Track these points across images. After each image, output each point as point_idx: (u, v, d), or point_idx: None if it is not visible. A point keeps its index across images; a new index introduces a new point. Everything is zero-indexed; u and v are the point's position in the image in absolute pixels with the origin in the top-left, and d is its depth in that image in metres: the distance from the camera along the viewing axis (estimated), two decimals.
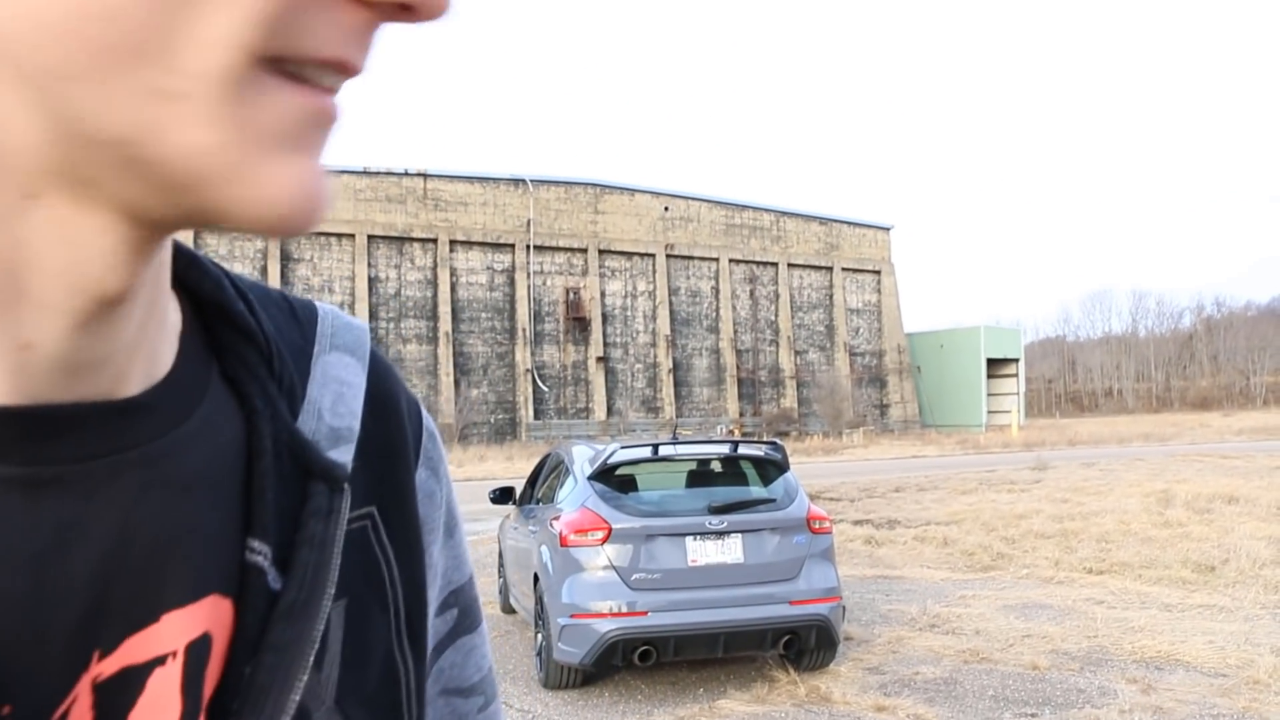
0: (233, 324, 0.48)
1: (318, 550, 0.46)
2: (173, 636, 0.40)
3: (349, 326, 0.56)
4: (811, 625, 6.06)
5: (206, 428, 0.44)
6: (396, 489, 0.55)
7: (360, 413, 0.53)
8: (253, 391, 0.47)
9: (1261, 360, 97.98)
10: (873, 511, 15.56)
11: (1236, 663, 6.39)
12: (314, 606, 0.44)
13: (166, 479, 0.41)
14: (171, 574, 0.41)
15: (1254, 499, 14.54)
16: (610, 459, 6.40)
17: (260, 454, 0.45)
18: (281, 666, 0.43)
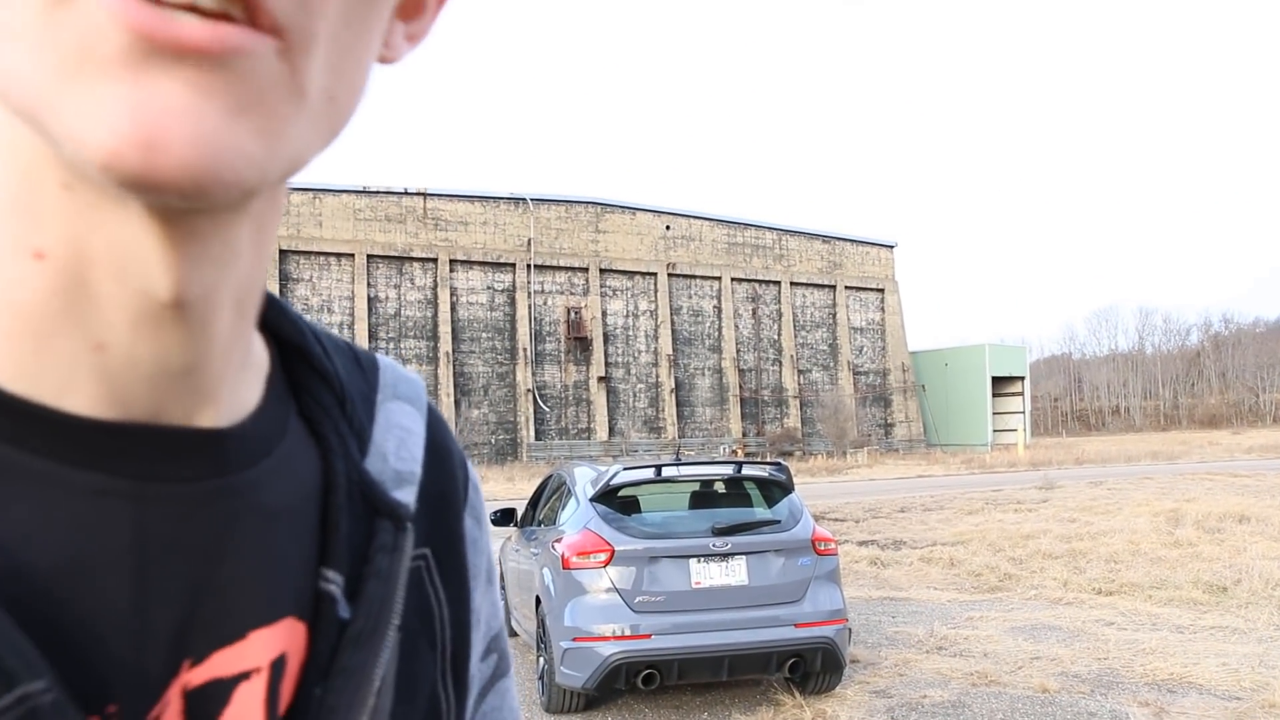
0: (311, 366, 0.52)
1: (384, 583, 0.49)
2: (258, 654, 0.43)
3: (408, 378, 0.60)
4: (817, 648, 5.98)
5: (288, 462, 0.47)
6: (449, 534, 0.58)
7: (421, 458, 0.56)
8: (328, 431, 0.50)
9: (1270, 377, 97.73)
10: (878, 532, 15.46)
11: (1251, 685, 6.30)
12: (380, 635, 0.48)
13: (254, 507, 0.44)
14: (256, 595, 0.43)
15: (1265, 518, 14.44)
16: (613, 480, 6.34)
17: (334, 489, 0.49)
18: (350, 690, 0.45)
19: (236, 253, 0.39)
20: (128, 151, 0.30)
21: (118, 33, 0.30)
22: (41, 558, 0.36)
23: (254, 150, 0.33)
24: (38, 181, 0.34)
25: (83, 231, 0.35)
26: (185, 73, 0.31)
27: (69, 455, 0.37)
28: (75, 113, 0.30)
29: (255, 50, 0.32)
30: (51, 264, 0.35)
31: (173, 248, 0.36)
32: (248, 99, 0.32)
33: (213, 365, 0.41)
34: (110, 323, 0.37)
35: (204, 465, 0.41)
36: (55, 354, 0.37)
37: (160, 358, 0.38)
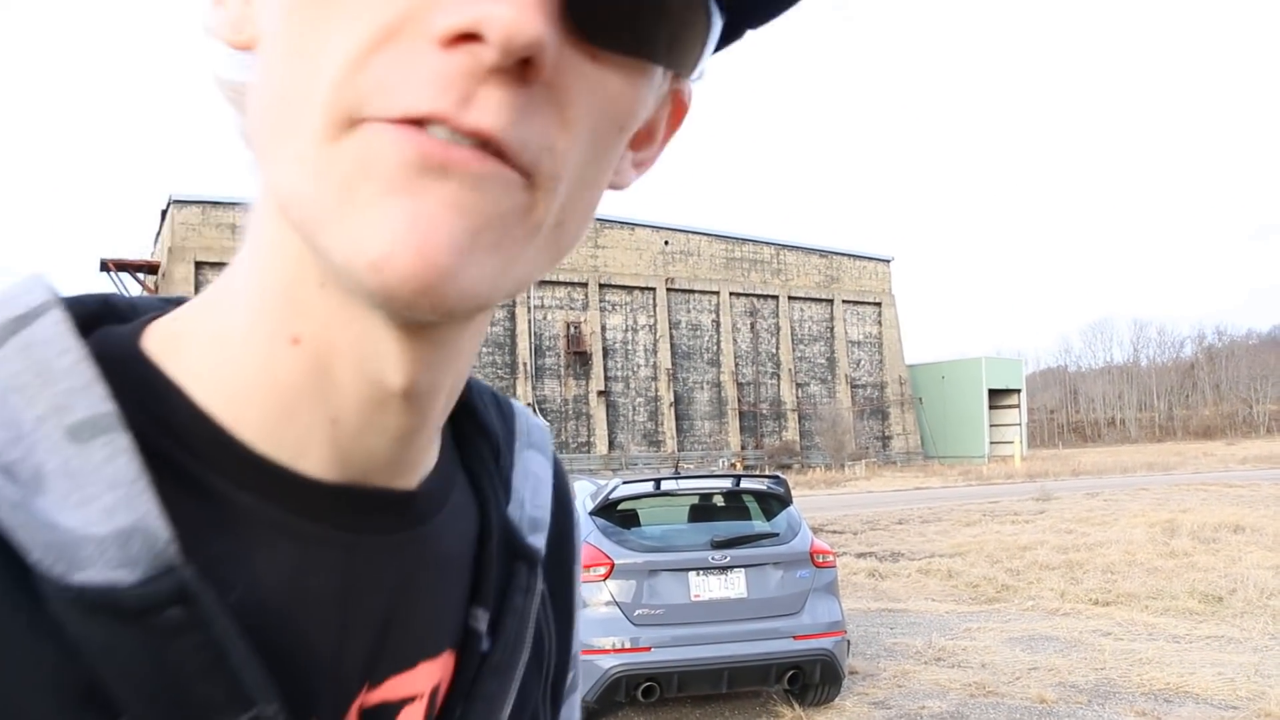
0: (474, 420, 0.58)
1: (519, 620, 0.54)
2: (422, 682, 0.49)
3: (539, 427, 0.67)
4: (816, 660, 6.01)
5: (455, 514, 0.53)
6: (564, 572, 0.65)
7: (549, 506, 0.63)
8: (485, 484, 0.57)
9: (1264, 389, 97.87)
10: (876, 544, 15.47)
11: (1247, 694, 6.33)
12: (514, 666, 0.53)
13: (431, 555, 0.50)
14: (427, 630, 0.50)
15: (1260, 528, 14.46)
16: (612, 494, 6.37)
17: (488, 538, 0.55)
18: (487, 713, 0.51)
19: (458, 353, 0.45)
20: (402, 252, 0.34)
21: (400, 155, 0.34)
22: (271, 594, 0.42)
23: (490, 269, 0.37)
24: (299, 278, 0.40)
25: (332, 325, 0.41)
26: (449, 192, 0.35)
27: (301, 508, 0.44)
28: (353, 223, 0.35)
29: (505, 178, 0.36)
30: (305, 349, 0.42)
31: (407, 349, 0.41)
32: (493, 220, 0.36)
33: (422, 438, 0.47)
34: (345, 403, 0.43)
35: (400, 518, 0.48)
36: (298, 424, 0.43)
37: (381, 434, 0.44)
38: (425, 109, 0.34)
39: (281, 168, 0.37)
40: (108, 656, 0.37)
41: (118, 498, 0.38)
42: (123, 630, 0.37)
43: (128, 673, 0.37)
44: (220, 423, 0.43)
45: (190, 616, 0.38)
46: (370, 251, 0.35)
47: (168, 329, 0.46)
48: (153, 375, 0.43)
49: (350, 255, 0.35)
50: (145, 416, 0.41)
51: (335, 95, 0.35)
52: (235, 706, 0.39)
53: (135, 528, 0.38)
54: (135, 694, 0.37)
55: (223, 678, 0.38)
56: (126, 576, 0.37)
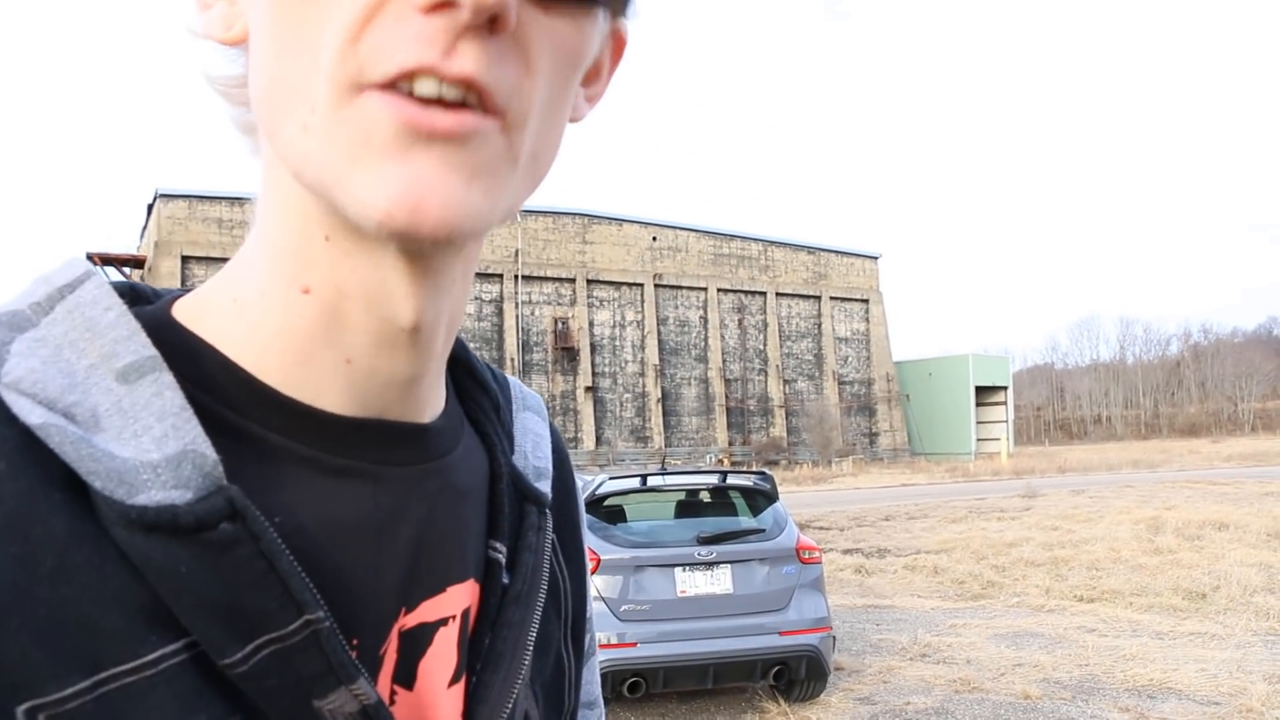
0: (474, 378, 0.64)
1: (535, 555, 0.59)
2: (453, 604, 0.54)
3: (532, 394, 0.73)
4: (801, 656, 6.02)
5: (468, 453, 0.58)
6: (571, 523, 0.71)
7: (551, 458, 0.69)
8: (490, 431, 0.62)
9: (1249, 387, 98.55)
10: (862, 540, 15.52)
11: (1229, 690, 6.38)
12: (534, 596, 0.58)
13: (451, 486, 0.55)
14: (452, 556, 0.54)
15: (1244, 525, 14.56)
16: (598, 490, 6.37)
17: (499, 477, 0.60)
18: (512, 639, 0.56)
19: (453, 284, 0.50)
20: (398, 213, 0.40)
21: (392, 124, 0.40)
22: (310, 521, 0.47)
23: (483, 206, 0.42)
24: (306, 235, 0.46)
25: (339, 273, 0.46)
26: (436, 151, 0.40)
27: (326, 444, 0.48)
28: (359, 185, 0.40)
29: (485, 130, 0.41)
30: (316, 297, 0.46)
31: (415, 284, 0.46)
32: (479, 168, 0.42)
33: (428, 375, 0.52)
34: (357, 343, 0.47)
35: (419, 451, 0.53)
36: (315, 366, 0.48)
37: (393, 369, 0.49)
38: (414, 63, 0.39)
39: (290, 138, 0.42)
40: (169, 574, 0.41)
41: (166, 428, 0.42)
42: (180, 548, 0.41)
43: (187, 588, 0.41)
44: (247, 372, 0.47)
45: (241, 531, 0.42)
46: (375, 211, 0.40)
47: (193, 300, 0.51)
48: (183, 338, 0.48)
49: (359, 212, 0.41)
50: (180, 374, 0.45)
51: (339, 67, 0.40)
52: (287, 614, 0.42)
53: (185, 452, 0.42)
54: (195, 609, 0.41)
55: (274, 587, 0.42)
56: (181, 496, 0.41)
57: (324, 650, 0.44)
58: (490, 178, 0.43)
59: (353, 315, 0.47)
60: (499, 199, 0.44)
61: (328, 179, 0.41)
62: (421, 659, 0.52)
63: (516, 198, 0.46)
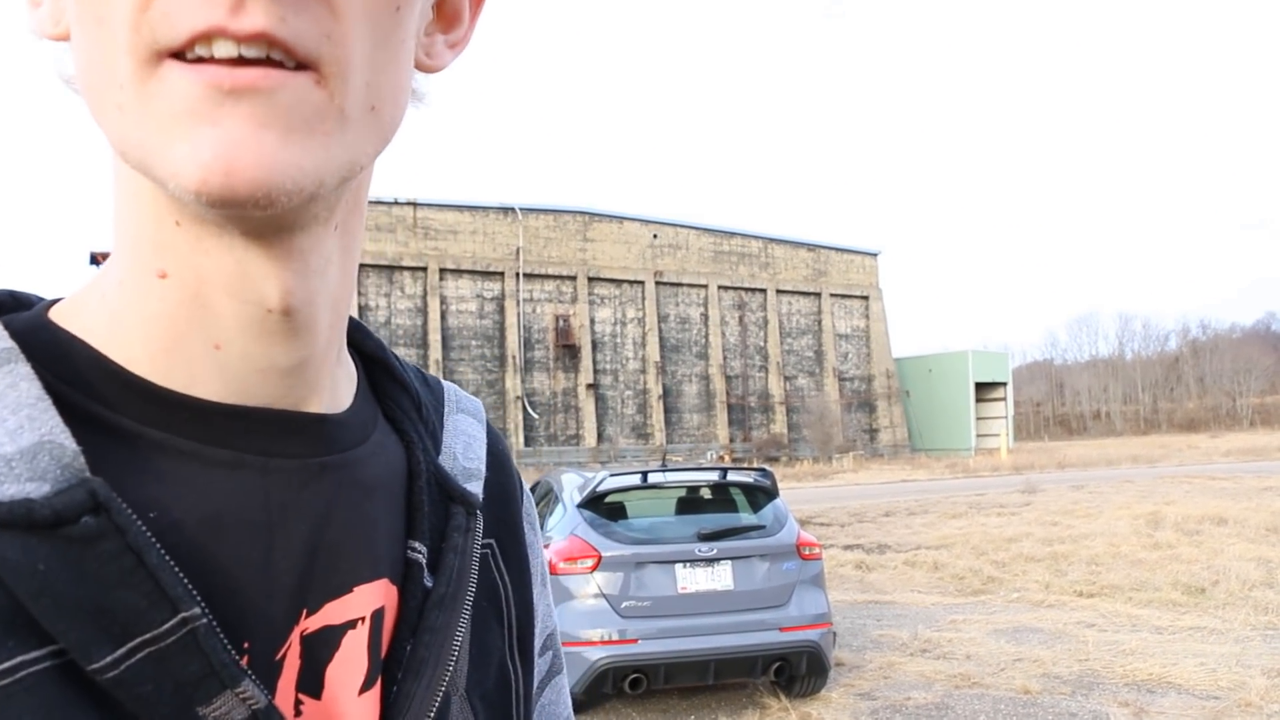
0: (392, 377, 0.62)
1: (460, 556, 0.57)
2: (361, 605, 0.51)
3: (469, 398, 0.71)
4: (802, 651, 6.04)
5: (379, 449, 0.56)
6: (511, 528, 0.68)
7: (484, 460, 0.66)
8: (408, 429, 0.59)
9: (1247, 382, 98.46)
10: (863, 536, 15.54)
11: (1228, 685, 6.40)
12: (459, 600, 0.55)
13: (355, 481, 0.52)
14: (359, 555, 0.51)
15: (1243, 520, 14.58)
16: (599, 487, 6.39)
17: (417, 475, 0.57)
18: (436, 644, 0.53)
19: (329, 264, 0.48)
20: (212, 178, 0.38)
21: (195, 88, 0.38)
22: (190, 517, 0.44)
23: (306, 163, 0.40)
24: (157, 220, 0.44)
25: (196, 256, 0.44)
26: (244, 110, 0.39)
27: (206, 435, 0.46)
28: (172, 157, 0.39)
29: (292, 84, 0.40)
30: (173, 281, 0.44)
31: (277, 264, 0.45)
32: (295, 124, 0.40)
33: (316, 359, 0.50)
34: (225, 327, 0.45)
35: (315, 444, 0.50)
36: (182, 352, 0.45)
37: (270, 355, 0.47)
38: (203, 25, 0.37)
39: (110, 120, 0.40)
40: (26, 574, 0.38)
41: (21, 419, 0.40)
42: (38, 545, 0.38)
43: (47, 588, 0.38)
44: (117, 364, 0.45)
45: (104, 525, 0.39)
46: (190, 180, 0.38)
47: (69, 299, 0.50)
48: (54, 335, 0.46)
49: (177, 185, 0.39)
50: (50, 371, 0.44)
51: (134, 37, 0.38)
52: (160, 612, 0.40)
53: (41, 443, 0.40)
54: (58, 611, 0.38)
55: (144, 584, 0.39)
56: (37, 489, 0.39)
57: (203, 650, 0.41)
58: (310, 133, 0.41)
59: (216, 299, 0.45)
60: (328, 155, 0.41)
61: (146, 157, 0.40)
62: (328, 664, 0.49)
63: (355, 152, 0.44)
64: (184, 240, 0.44)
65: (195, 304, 0.45)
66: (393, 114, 0.45)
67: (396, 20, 0.44)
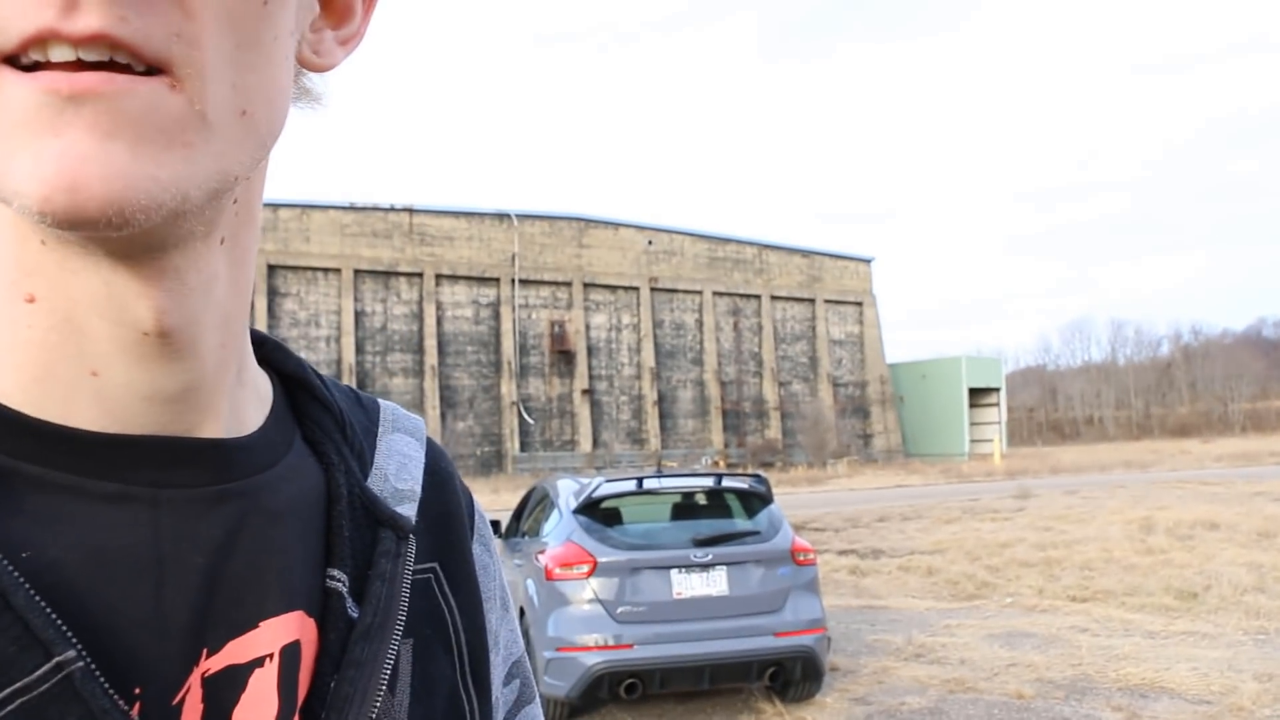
0: (312, 395, 0.58)
1: (388, 584, 0.53)
2: (269, 641, 0.47)
3: (409, 417, 0.67)
4: (797, 656, 6.06)
5: (292, 473, 0.52)
6: (456, 550, 0.63)
7: (421, 480, 0.62)
8: (329, 450, 0.56)
9: (1239, 387, 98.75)
10: (857, 541, 15.56)
11: (1220, 689, 6.43)
12: (387, 630, 0.51)
13: (260, 509, 0.48)
14: (265, 588, 0.47)
15: (1235, 525, 14.64)
16: (595, 492, 6.40)
17: (337, 499, 0.53)
18: (361, 680, 0.49)
19: (213, 281, 0.44)
20: (55, 196, 0.35)
21: (31, 96, 0.35)
22: (69, 556, 0.40)
23: (164, 176, 0.37)
24: (21, 240, 0.40)
25: (64, 278, 0.41)
26: (87, 118, 0.35)
27: (86, 468, 0.42)
28: (15, 174, 0.35)
29: (141, 89, 0.36)
30: (42, 306, 0.41)
31: (149, 285, 0.41)
32: (148, 133, 0.36)
33: (207, 382, 0.46)
34: (101, 352, 0.42)
35: (212, 471, 0.47)
36: (56, 380, 0.42)
37: (152, 380, 0.43)
38: (32, 29, 0.34)
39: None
40: None
41: None
42: None
43: None
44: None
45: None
46: (32, 198, 0.35)
47: None
48: None
49: (21, 206, 0.35)
50: None
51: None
52: (32, 657, 0.37)
53: None
54: None
55: (11, 628, 0.37)
56: None
57: (81, 697, 0.37)
58: (167, 143, 0.37)
59: (89, 323, 0.42)
60: (190, 166, 0.38)
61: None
62: (234, 708, 0.45)
63: (226, 161, 0.40)
64: (51, 261, 0.40)
65: (67, 329, 0.41)
66: (269, 117, 0.42)
67: (263, 15, 0.40)
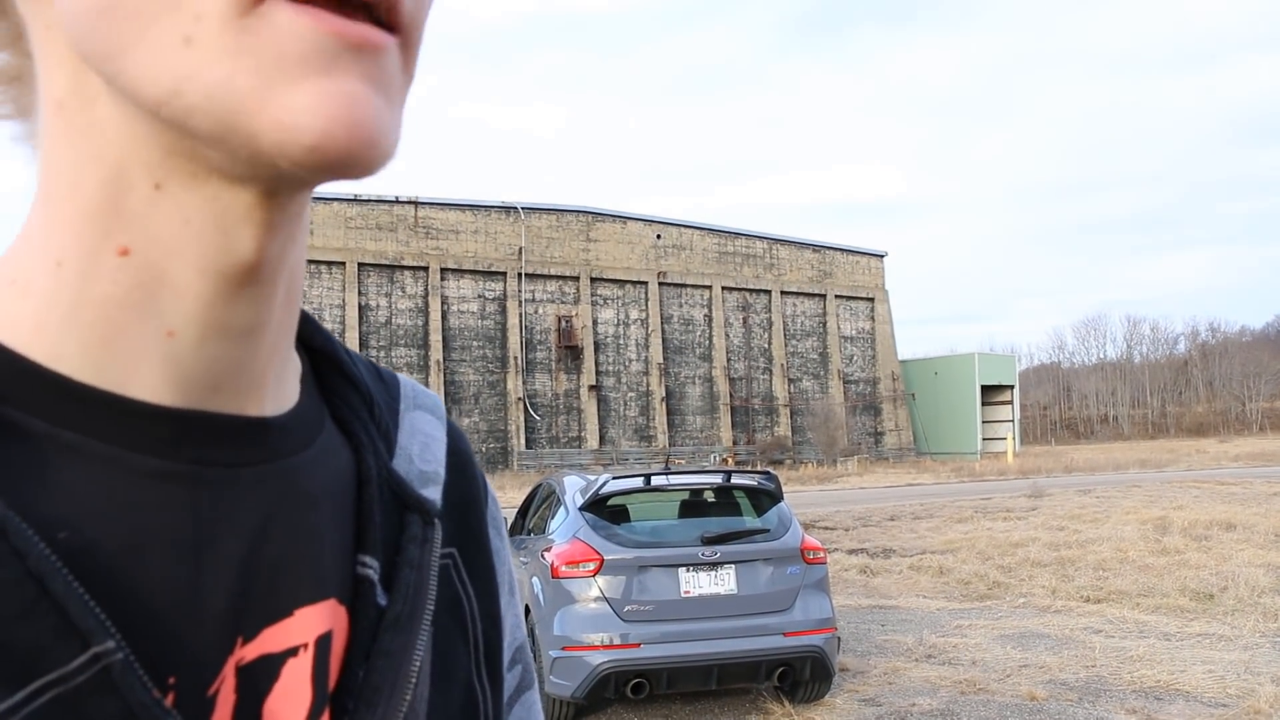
0: (341, 372, 0.56)
1: (417, 571, 0.51)
2: (304, 630, 0.45)
3: (427, 393, 0.65)
4: (806, 657, 5.99)
5: (325, 454, 0.50)
6: (474, 535, 0.62)
7: (444, 462, 0.60)
8: (358, 430, 0.53)
9: (1257, 386, 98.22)
10: (868, 540, 15.47)
11: (1237, 692, 6.34)
12: (417, 619, 0.50)
13: (298, 492, 0.47)
14: (301, 574, 0.46)
15: (1252, 526, 14.51)
16: (602, 489, 6.34)
17: (367, 482, 0.52)
18: (392, 670, 0.48)
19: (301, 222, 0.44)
20: (336, 132, 0.35)
21: (313, 35, 0.34)
22: (107, 536, 0.38)
23: (396, 125, 0.38)
24: (125, 185, 0.38)
25: (170, 225, 0.38)
26: (360, 68, 0.36)
27: (131, 440, 0.40)
28: (282, 107, 0.34)
29: (392, 48, 0.38)
30: (135, 259, 0.39)
31: (266, 223, 0.40)
32: (391, 90, 0.38)
33: (264, 350, 0.44)
34: (183, 309, 0.40)
35: (253, 451, 0.44)
36: (126, 342, 0.39)
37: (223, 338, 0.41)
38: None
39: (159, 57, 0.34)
40: None
41: None
42: None
43: None
44: (30, 359, 0.39)
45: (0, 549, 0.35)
46: (307, 136, 0.34)
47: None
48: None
49: (284, 139, 0.34)
50: None
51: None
52: (68, 648, 0.35)
53: None
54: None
55: (48, 616, 0.35)
56: None
57: (119, 690, 0.36)
58: (400, 100, 0.39)
59: (180, 275, 0.39)
60: (400, 117, 0.39)
61: (228, 101, 0.34)
62: (267, 698, 0.43)
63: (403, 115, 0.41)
64: (160, 208, 0.38)
65: (154, 284, 0.39)
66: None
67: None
